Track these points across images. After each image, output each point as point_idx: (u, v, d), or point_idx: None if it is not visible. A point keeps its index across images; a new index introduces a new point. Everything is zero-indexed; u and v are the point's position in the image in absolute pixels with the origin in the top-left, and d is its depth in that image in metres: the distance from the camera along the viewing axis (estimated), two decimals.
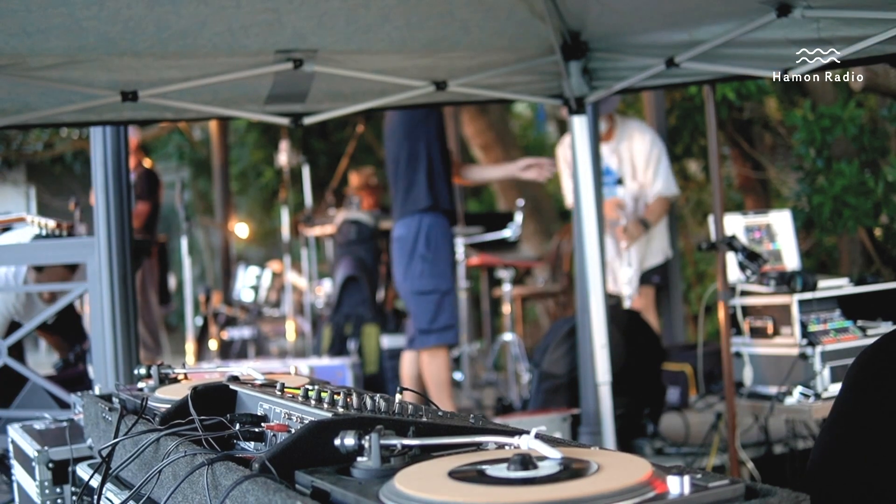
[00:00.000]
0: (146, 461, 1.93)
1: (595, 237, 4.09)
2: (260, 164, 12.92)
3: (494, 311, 8.28)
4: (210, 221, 13.34)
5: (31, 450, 2.79)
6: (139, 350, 4.11)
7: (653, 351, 4.86)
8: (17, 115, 3.66)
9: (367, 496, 1.33)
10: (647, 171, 5.81)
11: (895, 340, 2.11)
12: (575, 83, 3.95)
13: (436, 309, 5.07)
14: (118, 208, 3.99)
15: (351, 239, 7.10)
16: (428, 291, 5.09)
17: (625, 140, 5.79)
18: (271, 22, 3.37)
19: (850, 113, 5.28)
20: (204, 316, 8.17)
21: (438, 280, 5.08)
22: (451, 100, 4.20)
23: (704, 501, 1.24)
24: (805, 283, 3.88)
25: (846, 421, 2.04)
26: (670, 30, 3.49)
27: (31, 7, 3.00)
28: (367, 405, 1.67)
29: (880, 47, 2.97)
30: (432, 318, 5.07)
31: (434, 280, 5.08)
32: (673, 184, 5.87)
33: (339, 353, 6.61)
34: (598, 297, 4.05)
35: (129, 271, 4.00)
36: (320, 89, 3.86)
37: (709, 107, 4.11)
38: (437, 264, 5.09)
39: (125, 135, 4.06)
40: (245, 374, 2.24)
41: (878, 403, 2.00)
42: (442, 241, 5.11)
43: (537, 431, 1.42)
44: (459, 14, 3.50)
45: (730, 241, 4.01)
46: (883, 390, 2.01)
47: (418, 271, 5.10)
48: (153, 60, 3.48)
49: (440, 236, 5.11)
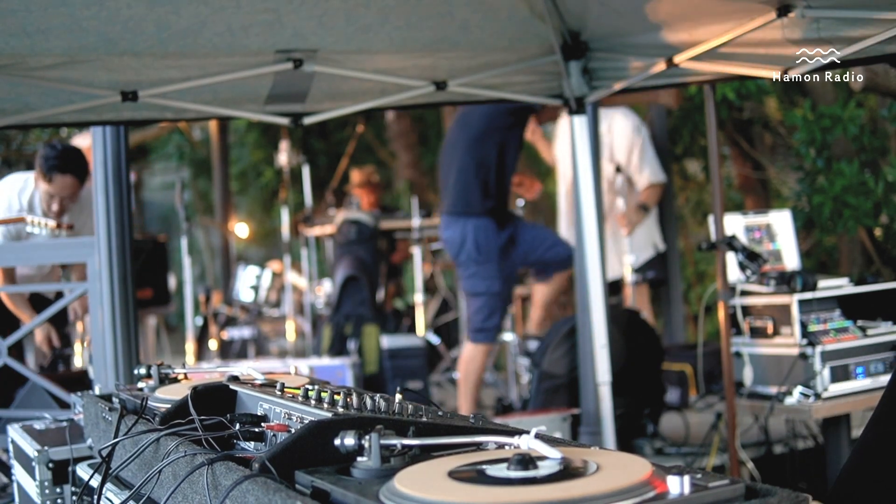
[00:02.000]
0: (146, 461, 1.93)
1: (595, 237, 4.09)
2: (260, 164, 12.92)
3: None
4: (210, 221, 13.34)
5: (31, 450, 2.79)
6: (139, 350, 4.11)
7: (653, 351, 4.86)
8: (17, 115, 3.66)
9: (367, 496, 1.33)
10: (631, 159, 5.89)
11: None
12: (575, 83, 3.95)
13: (483, 310, 5.20)
14: (118, 208, 3.99)
15: (351, 239, 7.10)
16: (479, 293, 5.22)
17: (605, 121, 5.85)
18: (271, 22, 3.37)
19: (850, 113, 5.28)
20: (204, 316, 8.17)
21: (489, 282, 5.19)
22: (451, 100, 4.20)
23: (704, 501, 1.24)
24: (805, 283, 3.88)
25: (890, 419, 2.03)
26: (670, 30, 3.49)
27: (31, 7, 3.00)
28: (367, 405, 1.67)
29: (880, 47, 2.96)
30: (483, 318, 5.21)
31: (485, 282, 5.20)
32: (659, 170, 5.97)
33: (339, 353, 6.61)
34: (598, 297, 4.05)
35: (129, 271, 4.00)
36: (320, 89, 3.86)
37: (709, 107, 4.11)
38: (487, 267, 5.19)
39: (125, 135, 4.06)
40: (245, 374, 2.24)
41: None
42: (492, 245, 5.18)
43: (537, 431, 1.42)
44: (459, 14, 3.50)
45: (730, 241, 4.01)
46: None
47: (470, 273, 5.24)
48: (153, 60, 3.48)
49: (490, 240, 5.18)
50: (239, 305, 8.68)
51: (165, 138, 13.85)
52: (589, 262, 4.08)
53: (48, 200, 4.61)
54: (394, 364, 6.28)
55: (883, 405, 2.07)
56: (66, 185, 4.58)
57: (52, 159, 4.54)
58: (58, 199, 4.60)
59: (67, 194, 4.62)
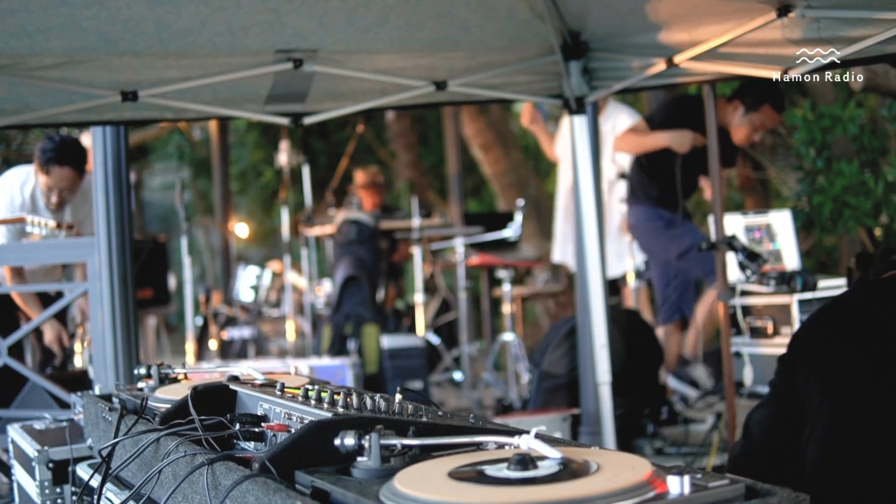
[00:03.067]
0: (146, 461, 1.93)
1: (595, 237, 4.09)
2: (260, 164, 12.92)
3: (494, 311, 8.28)
4: (210, 221, 13.34)
5: (31, 450, 2.79)
6: (139, 350, 4.11)
7: (652, 351, 4.86)
8: (17, 115, 3.66)
9: (367, 496, 1.33)
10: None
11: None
12: (575, 83, 3.95)
13: (664, 292, 5.47)
14: (118, 208, 3.99)
15: (351, 239, 7.10)
16: (660, 277, 5.52)
17: (610, 119, 5.85)
18: (271, 22, 3.37)
19: (850, 113, 5.28)
20: (204, 316, 8.16)
21: (661, 269, 5.46)
22: (451, 100, 4.20)
23: (704, 501, 1.24)
24: (805, 283, 3.88)
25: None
26: (670, 30, 3.49)
27: (31, 7, 3.00)
28: (367, 405, 1.67)
29: (880, 47, 2.96)
30: (662, 300, 5.49)
31: (657, 269, 5.50)
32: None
33: (339, 353, 6.61)
34: (598, 297, 4.05)
35: (129, 271, 4.00)
36: (320, 89, 3.86)
37: (709, 107, 4.11)
38: (657, 255, 5.46)
39: (125, 135, 4.06)
40: (245, 374, 2.24)
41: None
42: (661, 233, 5.35)
43: (537, 431, 1.42)
44: (459, 14, 3.50)
45: (730, 241, 4.01)
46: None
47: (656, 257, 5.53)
48: (153, 60, 3.48)
49: (659, 229, 5.34)
50: (239, 305, 8.68)
51: (165, 138, 13.85)
52: (589, 262, 4.08)
53: (47, 193, 4.60)
54: (394, 364, 6.27)
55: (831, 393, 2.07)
56: (63, 177, 4.57)
57: (49, 151, 4.52)
58: (56, 191, 4.59)
59: (66, 186, 4.60)
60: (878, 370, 2.04)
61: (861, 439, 2.02)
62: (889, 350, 2.06)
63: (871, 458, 2.00)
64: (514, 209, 7.18)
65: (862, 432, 2.01)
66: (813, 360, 2.15)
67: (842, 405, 2.06)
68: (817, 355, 2.14)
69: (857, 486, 2.01)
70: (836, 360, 2.11)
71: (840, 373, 2.10)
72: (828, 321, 2.23)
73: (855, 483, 2.01)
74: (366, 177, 8.14)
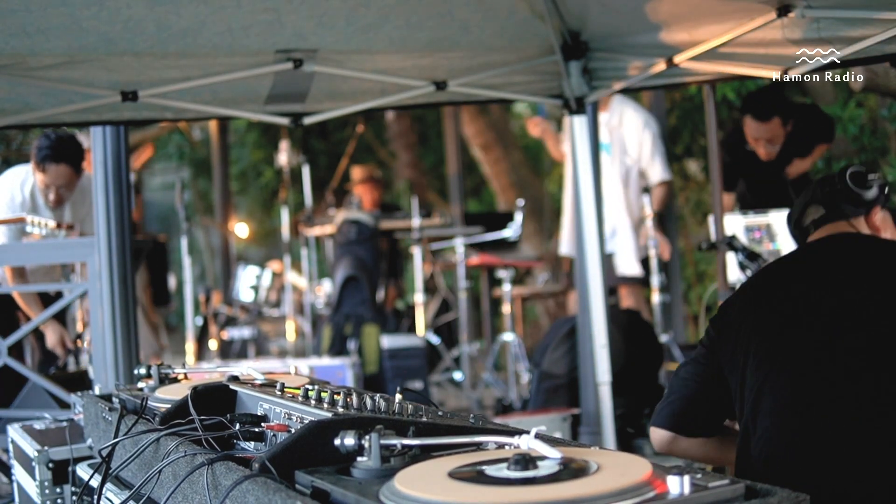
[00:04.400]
0: (146, 461, 1.93)
1: (595, 237, 4.09)
2: (260, 164, 12.91)
3: (494, 311, 8.28)
4: (210, 221, 13.34)
5: (31, 450, 2.79)
6: (139, 350, 4.11)
7: (652, 351, 4.86)
8: (17, 115, 3.66)
9: (367, 496, 1.33)
10: (642, 153, 5.86)
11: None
12: (575, 83, 3.95)
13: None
14: (118, 208, 3.99)
15: (351, 239, 7.10)
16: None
17: (616, 115, 5.85)
18: (271, 22, 3.37)
19: (850, 113, 5.28)
20: (204, 316, 8.16)
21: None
22: (451, 100, 4.20)
23: (704, 501, 1.24)
24: None
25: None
26: (670, 30, 3.49)
27: (31, 7, 3.00)
28: (367, 405, 1.67)
29: (880, 47, 2.96)
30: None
31: None
32: (668, 168, 5.97)
33: (339, 353, 6.61)
34: (598, 297, 4.05)
35: (129, 271, 4.00)
36: (320, 89, 3.86)
37: (709, 107, 4.11)
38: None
39: (125, 135, 4.06)
40: (245, 374, 2.23)
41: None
42: None
43: (537, 431, 1.42)
44: (459, 14, 3.50)
45: (730, 241, 4.01)
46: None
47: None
48: (153, 60, 3.48)
49: None
50: (239, 305, 8.68)
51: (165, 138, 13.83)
52: (589, 262, 4.08)
53: (44, 191, 4.60)
54: (394, 364, 6.27)
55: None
56: (59, 175, 4.56)
57: (44, 149, 4.52)
58: (54, 188, 4.59)
59: (63, 183, 4.60)
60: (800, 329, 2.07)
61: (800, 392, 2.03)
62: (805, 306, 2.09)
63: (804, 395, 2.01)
64: (514, 209, 7.19)
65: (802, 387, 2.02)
66: (742, 327, 2.18)
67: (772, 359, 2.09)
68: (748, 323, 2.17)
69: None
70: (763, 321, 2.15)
71: (766, 332, 2.13)
72: (752, 288, 2.27)
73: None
74: (363, 172, 8.14)
